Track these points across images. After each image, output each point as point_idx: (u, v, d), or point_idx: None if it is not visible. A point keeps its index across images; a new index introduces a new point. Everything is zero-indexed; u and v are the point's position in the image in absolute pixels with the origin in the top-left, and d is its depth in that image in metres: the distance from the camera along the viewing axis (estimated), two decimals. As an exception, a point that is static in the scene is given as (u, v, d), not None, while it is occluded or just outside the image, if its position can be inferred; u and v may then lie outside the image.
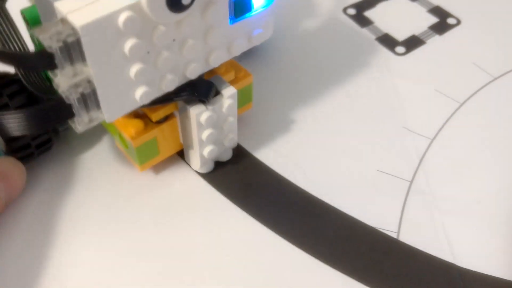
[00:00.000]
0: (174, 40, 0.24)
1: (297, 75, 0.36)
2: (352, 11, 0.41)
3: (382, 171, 0.31)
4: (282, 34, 0.39)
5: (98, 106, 0.24)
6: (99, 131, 0.33)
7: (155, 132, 0.29)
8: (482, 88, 0.36)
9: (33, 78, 0.26)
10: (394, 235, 0.28)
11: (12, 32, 0.25)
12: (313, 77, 0.36)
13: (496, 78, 0.37)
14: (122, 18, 0.21)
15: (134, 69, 0.23)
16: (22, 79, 0.26)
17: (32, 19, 0.26)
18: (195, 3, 0.23)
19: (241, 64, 0.31)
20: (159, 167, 0.31)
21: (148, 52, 0.23)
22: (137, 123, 0.28)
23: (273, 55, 0.38)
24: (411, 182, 0.31)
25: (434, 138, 0.33)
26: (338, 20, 0.40)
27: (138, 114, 0.29)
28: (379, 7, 0.42)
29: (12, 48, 0.25)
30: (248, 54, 0.37)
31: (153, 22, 0.22)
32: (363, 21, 0.40)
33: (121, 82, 0.23)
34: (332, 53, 0.38)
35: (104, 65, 0.22)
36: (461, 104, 0.35)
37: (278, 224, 0.29)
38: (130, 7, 0.21)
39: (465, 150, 0.32)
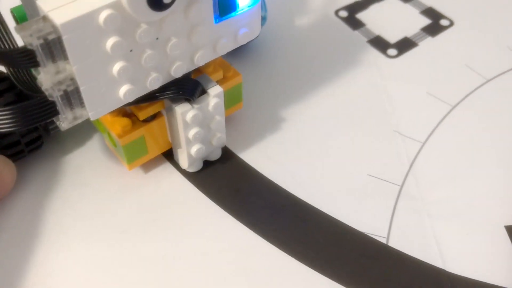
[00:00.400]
0: (157, 38, 0.24)
1: (288, 77, 0.36)
2: (344, 13, 0.41)
3: (372, 176, 0.31)
4: (274, 36, 0.39)
5: (82, 103, 0.24)
6: (89, 129, 0.33)
7: (143, 130, 0.29)
8: (474, 90, 0.36)
9: (22, 76, 0.27)
10: (383, 241, 0.28)
11: (2, 31, 0.25)
12: (304, 80, 0.36)
13: (489, 80, 0.36)
14: (103, 16, 0.21)
15: (117, 67, 0.23)
16: (11, 77, 0.27)
17: (21, 18, 0.27)
18: (177, 1, 0.23)
19: (232, 64, 0.31)
20: (148, 166, 0.31)
21: (131, 50, 0.23)
22: (125, 122, 0.28)
23: (264, 56, 0.38)
24: (402, 186, 0.30)
25: (426, 141, 0.33)
26: (330, 22, 0.40)
27: (126, 113, 0.29)
28: (371, 9, 0.41)
29: (2, 47, 0.25)
30: (240, 55, 0.37)
31: (135, 20, 0.23)
32: (355, 23, 0.40)
33: (105, 80, 0.24)
34: (324, 56, 0.38)
35: (86, 62, 0.23)
36: (453, 107, 0.35)
37: (266, 229, 0.29)
38: (111, 5, 0.22)
39: (457, 154, 0.32)
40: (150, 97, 0.26)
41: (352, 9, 0.41)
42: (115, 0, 0.21)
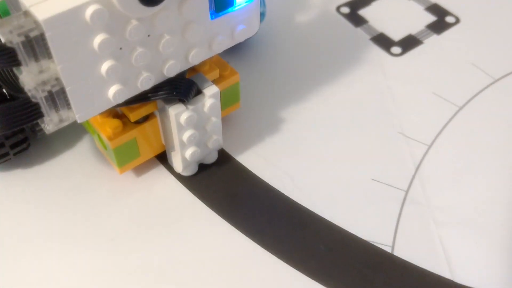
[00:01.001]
0: (149, 35, 0.23)
1: (288, 75, 0.35)
2: (346, 10, 0.40)
3: (376, 180, 0.30)
4: (273, 33, 0.38)
5: (68, 105, 0.22)
6: (79, 130, 0.31)
7: (135, 132, 0.27)
8: (482, 90, 0.34)
9: (5, 75, 0.25)
10: (388, 249, 0.27)
11: None
12: (304, 79, 0.35)
13: (497, 80, 0.35)
14: (89, 11, 0.20)
15: (105, 66, 0.22)
16: (-5, 77, 0.25)
17: (4, 13, 0.25)
18: (170, -4, 0.21)
19: (230, 62, 0.30)
20: (140, 169, 0.30)
21: (120, 48, 0.22)
22: (116, 123, 0.27)
23: (263, 54, 0.36)
24: (407, 191, 0.29)
25: (432, 144, 0.31)
26: (331, 19, 0.39)
27: (117, 114, 0.27)
28: (374, 5, 0.40)
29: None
30: (238, 52, 0.36)
31: (124, 16, 0.21)
32: (357, 20, 0.39)
33: (92, 80, 0.22)
34: (325, 54, 0.36)
35: (72, 61, 0.21)
36: (460, 108, 0.33)
37: (265, 237, 0.27)
38: (98, 0, 0.20)
39: (464, 157, 0.31)
40: (141, 98, 0.25)
41: (354, 5, 0.40)
42: (104, -6, 0.20)
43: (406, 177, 0.30)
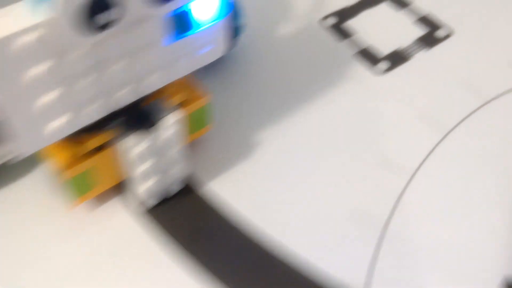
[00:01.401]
0: (96, 62, 0.20)
1: (265, 94, 0.32)
2: (330, 21, 0.37)
3: (353, 212, 0.27)
4: (253, 46, 0.35)
5: (6, 140, 0.20)
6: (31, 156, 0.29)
7: (89, 162, 0.25)
8: (472, 112, 0.32)
9: None
10: (361, 295, 0.25)
11: None
12: (282, 98, 0.32)
13: (488, 102, 0.33)
14: (19, 42, 0.17)
15: (46, 98, 0.20)
16: None
17: None
18: (117, 21, 0.19)
19: (205, 78, 0.27)
20: (96, 201, 0.27)
21: (64, 78, 0.20)
22: (69, 152, 0.24)
23: (241, 70, 0.34)
24: (386, 226, 0.27)
25: (416, 172, 0.29)
26: (314, 31, 0.36)
27: (72, 141, 0.25)
28: (360, 17, 0.37)
29: None
30: (214, 67, 0.33)
31: (62, 44, 0.19)
32: (342, 33, 0.36)
33: (33, 113, 0.20)
34: (306, 69, 0.34)
35: (6, 94, 0.19)
36: (449, 132, 0.31)
37: (229, 278, 0.25)
38: (30, 30, 0.17)
39: (452, 187, 0.29)
40: (91, 128, 0.23)
41: (340, 17, 0.37)
42: (35, 23, 0.17)
43: (385, 210, 0.27)
